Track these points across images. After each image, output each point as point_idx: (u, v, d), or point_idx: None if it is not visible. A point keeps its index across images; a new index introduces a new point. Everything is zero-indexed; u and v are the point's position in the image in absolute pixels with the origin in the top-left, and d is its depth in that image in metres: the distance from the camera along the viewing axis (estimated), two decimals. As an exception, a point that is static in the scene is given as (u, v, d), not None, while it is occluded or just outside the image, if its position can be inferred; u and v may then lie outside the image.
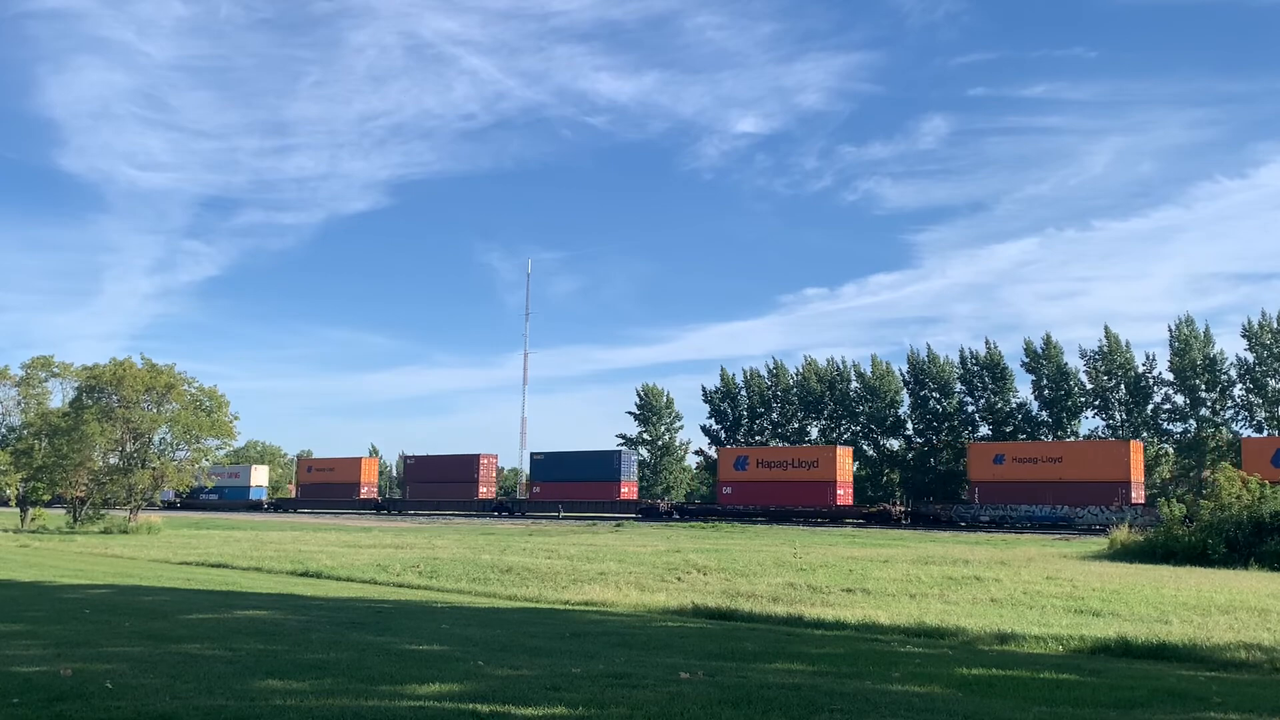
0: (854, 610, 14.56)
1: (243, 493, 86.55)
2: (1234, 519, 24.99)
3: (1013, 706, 7.02)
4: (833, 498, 58.07)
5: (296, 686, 6.94)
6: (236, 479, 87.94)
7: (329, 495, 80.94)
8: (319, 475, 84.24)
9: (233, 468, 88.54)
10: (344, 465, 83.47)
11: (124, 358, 45.98)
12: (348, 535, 37.67)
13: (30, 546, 31.33)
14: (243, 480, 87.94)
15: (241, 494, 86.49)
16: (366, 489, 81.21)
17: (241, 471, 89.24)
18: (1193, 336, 62.78)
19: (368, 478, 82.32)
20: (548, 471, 71.58)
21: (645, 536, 37.83)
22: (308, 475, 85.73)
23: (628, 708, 6.46)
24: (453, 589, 18.61)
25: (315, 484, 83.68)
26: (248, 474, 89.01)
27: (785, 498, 59.46)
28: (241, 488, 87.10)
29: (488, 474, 75.81)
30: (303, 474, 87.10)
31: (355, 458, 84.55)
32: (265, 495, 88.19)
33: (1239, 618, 14.00)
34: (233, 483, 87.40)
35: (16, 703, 6.21)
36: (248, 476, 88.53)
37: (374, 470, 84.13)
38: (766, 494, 60.72)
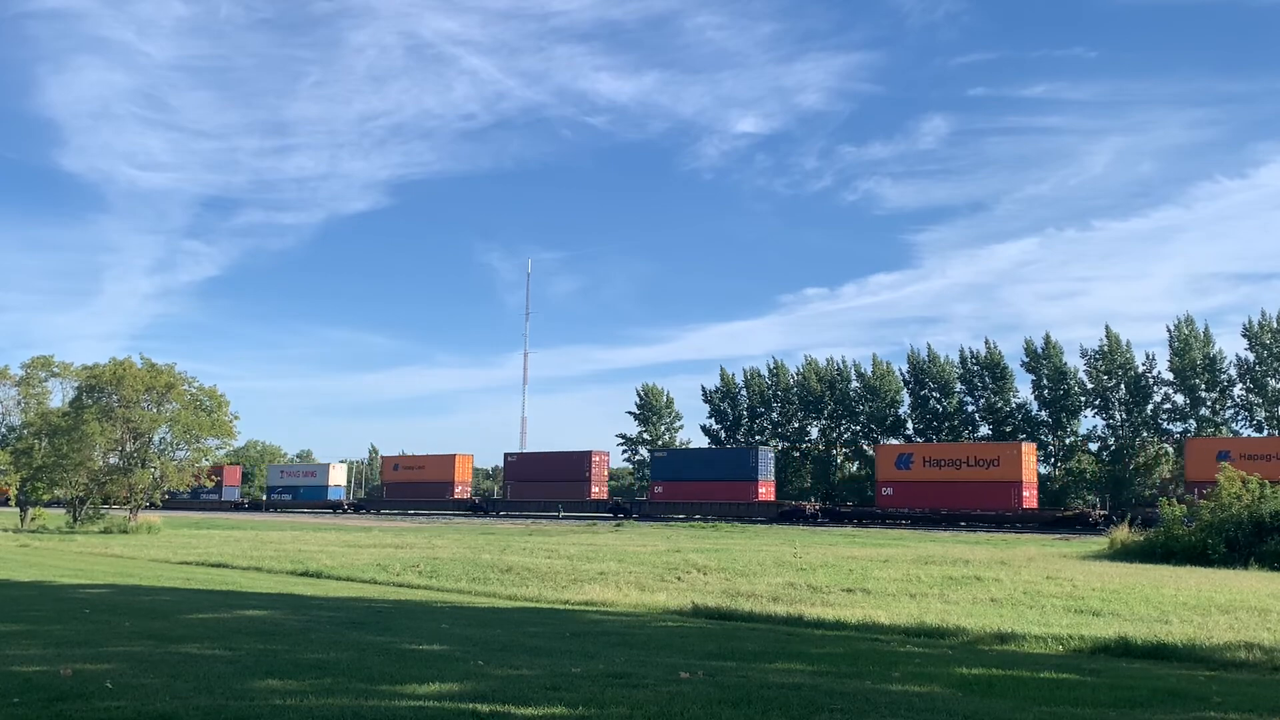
0: (854, 610, 14.56)
1: (319, 492, 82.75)
2: (1234, 519, 24.97)
3: (1013, 706, 7.02)
4: (1018, 500, 52.58)
5: (296, 686, 6.93)
6: (313, 478, 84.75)
7: (418, 495, 76.19)
8: (406, 474, 79.17)
9: (308, 465, 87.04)
10: (435, 463, 78.02)
11: (124, 357, 46.03)
12: (348, 535, 37.66)
13: (30, 546, 31.33)
14: (319, 479, 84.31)
15: (318, 494, 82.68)
16: (460, 489, 76.08)
17: (318, 470, 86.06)
18: (1193, 336, 62.80)
19: (462, 476, 77.02)
20: (670, 470, 65.53)
21: (645, 536, 37.83)
22: (394, 474, 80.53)
23: (628, 707, 6.46)
24: (453, 589, 18.61)
25: (402, 483, 78.73)
26: (325, 473, 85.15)
27: (960, 500, 53.70)
28: (318, 487, 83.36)
29: (599, 472, 69.94)
30: (388, 472, 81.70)
31: (449, 455, 78.74)
32: (344, 495, 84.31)
33: (1239, 617, 14.00)
34: (308, 482, 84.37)
35: (16, 702, 6.21)
36: (325, 475, 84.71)
37: (468, 468, 78.98)
38: (936, 495, 54.63)
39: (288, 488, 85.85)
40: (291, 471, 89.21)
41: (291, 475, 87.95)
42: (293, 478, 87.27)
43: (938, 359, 71.90)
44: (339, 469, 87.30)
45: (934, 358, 71.96)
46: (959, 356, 71.40)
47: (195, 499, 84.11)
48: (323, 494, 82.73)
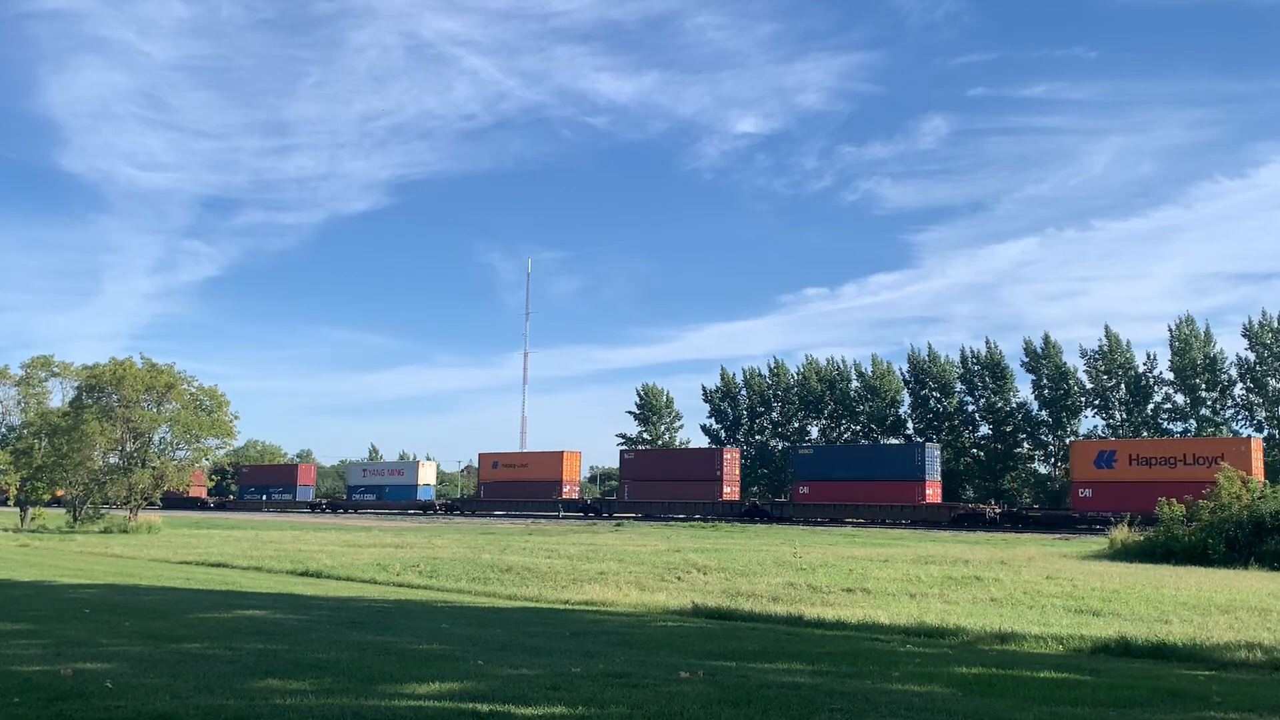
0: (854, 610, 14.56)
1: (407, 492, 77.77)
2: (1234, 519, 24.98)
3: (1013, 706, 7.02)
4: None
5: (296, 686, 6.93)
6: (400, 476, 79.85)
7: (520, 495, 70.30)
8: (507, 472, 72.69)
9: (394, 464, 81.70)
10: (540, 461, 71.81)
11: (124, 357, 46.03)
12: (348, 535, 37.67)
13: (30, 546, 31.32)
14: (407, 478, 79.41)
15: (406, 493, 77.69)
16: (569, 489, 69.65)
17: (406, 468, 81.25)
18: (1193, 336, 62.79)
19: (570, 475, 70.31)
20: (817, 469, 58.92)
21: (645, 536, 37.83)
22: (493, 472, 73.82)
23: (628, 707, 6.46)
24: (453, 588, 18.61)
25: (503, 482, 72.28)
26: (414, 471, 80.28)
27: None
28: (406, 486, 78.46)
29: (731, 471, 62.50)
30: (486, 471, 74.75)
31: (555, 452, 73.05)
32: (433, 495, 79.19)
33: (1239, 617, 14.01)
34: (395, 480, 79.45)
35: (17, 702, 6.21)
36: (414, 474, 79.90)
37: (577, 467, 72.31)
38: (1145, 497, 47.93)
39: (371, 487, 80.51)
40: (376, 470, 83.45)
41: (376, 474, 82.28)
42: (377, 476, 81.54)
43: (938, 359, 71.92)
44: (428, 467, 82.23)
45: (934, 357, 71.99)
46: (959, 356, 71.49)
47: (266, 498, 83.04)
48: (411, 494, 77.55)
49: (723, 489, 61.44)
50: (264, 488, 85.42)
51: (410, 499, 76.54)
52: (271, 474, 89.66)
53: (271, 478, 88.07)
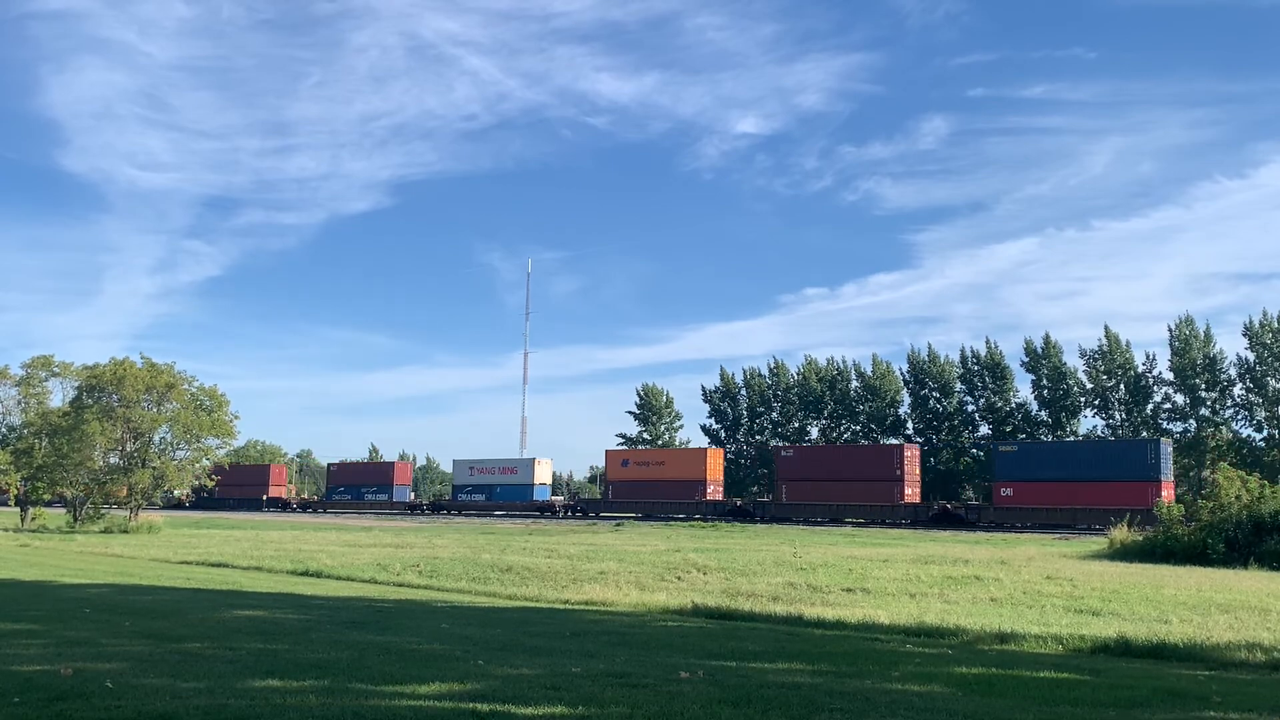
0: (854, 610, 14.56)
1: (522, 492, 71.39)
2: (1234, 519, 24.98)
3: (1013, 706, 7.02)
4: None
5: (297, 686, 6.94)
6: (513, 475, 72.87)
7: (654, 496, 63.70)
8: (640, 471, 65.81)
9: (507, 460, 75.25)
10: (679, 459, 65.72)
11: (124, 357, 46.05)
12: (348, 535, 37.68)
13: (30, 546, 31.33)
14: (522, 476, 72.49)
15: (520, 493, 71.42)
16: (712, 488, 62.97)
17: (520, 466, 73.99)
18: (1193, 336, 62.80)
19: (713, 474, 63.56)
20: (1021, 468, 51.26)
21: (645, 536, 37.84)
22: (622, 470, 67.06)
23: (628, 707, 6.46)
24: (453, 588, 18.62)
25: (634, 481, 65.32)
26: (529, 469, 72.92)
27: None
28: (520, 486, 71.92)
29: (911, 470, 55.73)
30: (614, 469, 68.02)
31: (697, 448, 68.38)
32: (550, 494, 73.70)
33: (1239, 617, 14.01)
34: (508, 480, 72.72)
35: (17, 702, 6.21)
36: (529, 472, 72.58)
37: (720, 465, 65.68)
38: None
39: (480, 487, 73.88)
40: (485, 468, 75.40)
41: (485, 472, 74.79)
42: (487, 475, 74.32)
43: (938, 359, 71.93)
44: (544, 465, 74.33)
45: (934, 357, 72.00)
46: (959, 356, 71.50)
47: (358, 498, 79.39)
48: (526, 494, 71.09)
49: (904, 489, 54.19)
50: (355, 487, 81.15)
51: (525, 499, 70.64)
52: (365, 473, 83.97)
53: (365, 476, 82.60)
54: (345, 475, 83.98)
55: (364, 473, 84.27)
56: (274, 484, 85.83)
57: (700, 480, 62.55)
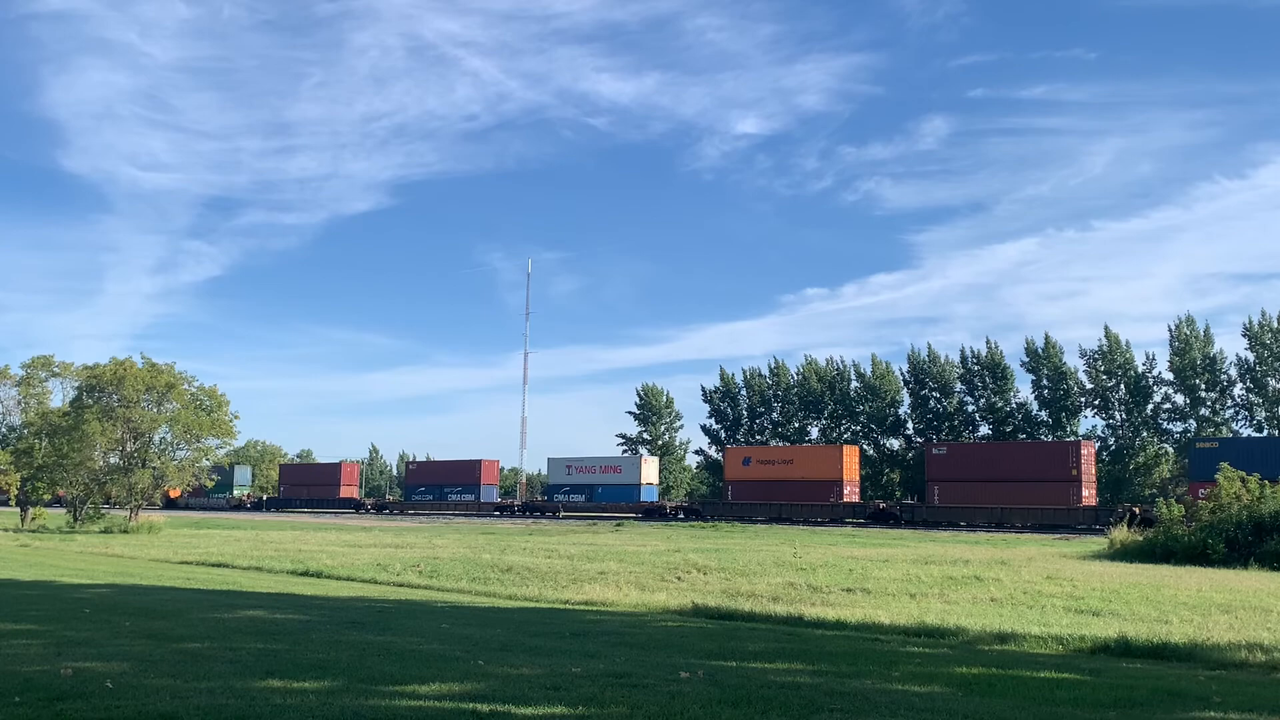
0: (854, 610, 14.56)
1: (628, 492, 66.02)
2: (1234, 519, 24.98)
3: (1013, 706, 7.02)
4: None
5: (297, 686, 6.94)
6: (617, 474, 67.50)
7: (783, 497, 57.98)
8: (764, 470, 60.06)
9: (610, 459, 70.70)
10: (810, 456, 60.16)
11: (125, 357, 46.08)
12: (348, 535, 37.69)
13: (30, 546, 31.34)
14: (627, 476, 67.00)
15: (626, 494, 66.07)
16: (849, 489, 57.41)
17: (624, 464, 68.63)
18: (1193, 336, 62.82)
19: (849, 474, 58.16)
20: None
21: (645, 536, 37.85)
22: (743, 470, 61.23)
23: (628, 707, 6.46)
24: (453, 588, 18.62)
25: (757, 482, 59.80)
26: (634, 467, 67.48)
27: None
28: (625, 486, 66.46)
29: (1088, 470, 50.20)
30: (734, 468, 62.15)
31: (830, 445, 63.50)
32: (657, 494, 68.08)
33: (1239, 617, 14.01)
34: (610, 479, 67.44)
35: (17, 702, 6.21)
36: (634, 470, 67.09)
37: (855, 463, 60.02)
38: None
39: (580, 487, 68.76)
40: (585, 466, 69.92)
41: (586, 471, 69.48)
42: (588, 474, 69.09)
43: (938, 359, 71.95)
44: (650, 463, 68.88)
45: (934, 357, 72.02)
46: (959, 356, 71.50)
47: (440, 498, 75.11)
48: (632, 494, 65.58)
49: (1081, 491, 48.81)
50: (438, 487, 76.66)
51: (631, 500, 65.34)
52: (448, 471, 77.81)
53: (448, 475, 77.07)
54: (426, 474, 79.15)
55: (447, 471, 77.91)
56: (345, 484, 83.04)
57: (835, 480, 56.74)
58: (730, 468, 62.59)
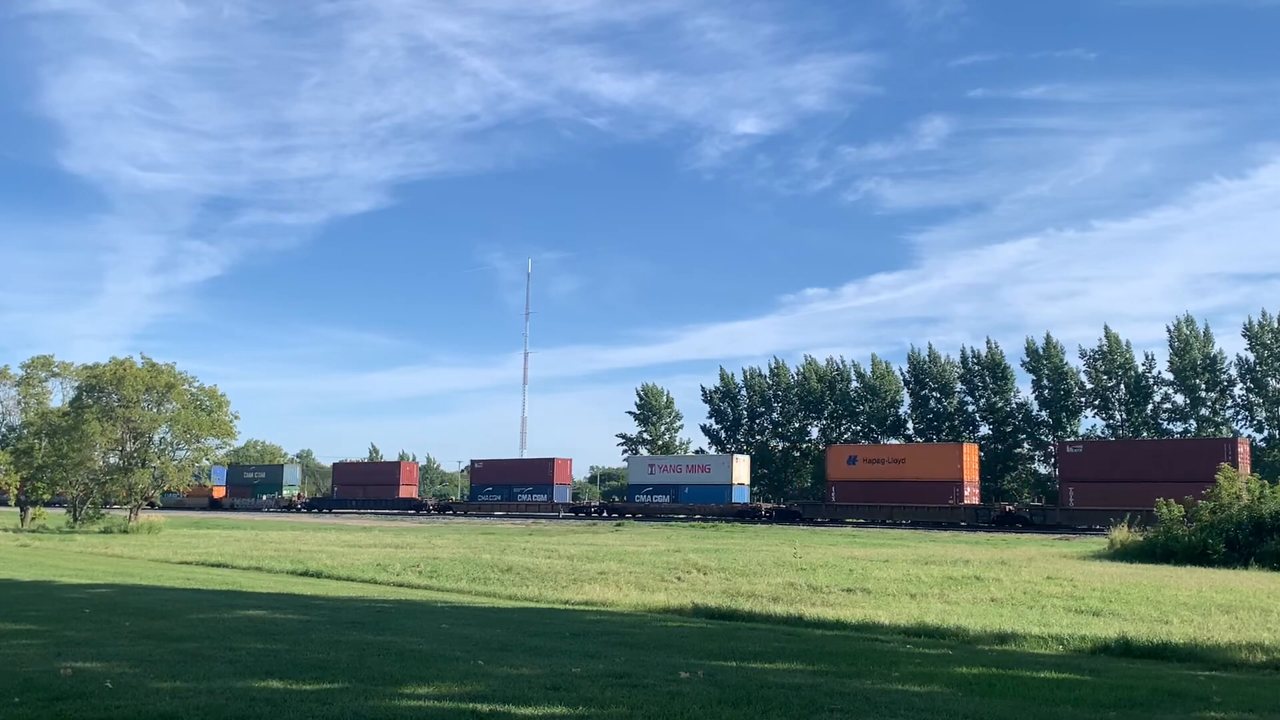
0: (854, 610, 14.56)
1: (718, 493, 61.03)
2: (1234, 519, 24.97)
3: (1013, 706, 7.02)
4: None
5: (297, 686, 6.93)
6: (706, 473, 62.29)
7: (894, 498, 54.05)
8: (872, 469, 55.68)
9: (697, 458, 66.54)
10: (925, 455, 56.00)
11: (125, 357, 46.07)
12: (348, 535, 37.68)
13: (30, 546, 31.33)
14: (716, 475, 61.76)
15: (715, 494, 61.09)
16: (969, 490, 53.14)
17: (714, 464, 63.54)
18: (1193, 336, 62.84)
19: (969, 473, 53.58)
20: None
21: (645, 536, 37.84)
22: (848, 469, 56.60)
23: (628, 707, 6.46)
24: (453, 589, 18.61)
25: (864, 482, 55.56)
26: (725, 467, 62.22)
27: None
28: (714, 486, 61.33)
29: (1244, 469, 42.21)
30: (837, 467, 57.44)
31: (949, 444, 59.08)
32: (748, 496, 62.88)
33: (1239, 617, 14.00)
34: (698, 479, 62.16)
35: (17, 702, 6.21)
36: (725, 470, 61.87)
37: (975, 462, 55.61)
38: None
39: (663, 487, 63.31)
40: (670, 465, 65.01)
41: (670, 470, 64.16)
42: (672, 473, 63.68)
43: (938, 359, 71.96)
44: (742, 462, 63.56)
45: (934, 357, 72.04)
46: (959, 356, 71.52)
47: (509, 498, 70.68)
48: (722, 495, 60.62)
49: None
50: (506, 487, 71.47)
51: (721, 501, 60.44)
52: (518, 470, 72.77)
53: (517, 475, 71.97)
54: (493, 473, 73.16)
55: (516, 470, 72.98)
56: (404, 483, 78.70)
57: (955, 480, 52.63)
58: (833, 467, 58.04)
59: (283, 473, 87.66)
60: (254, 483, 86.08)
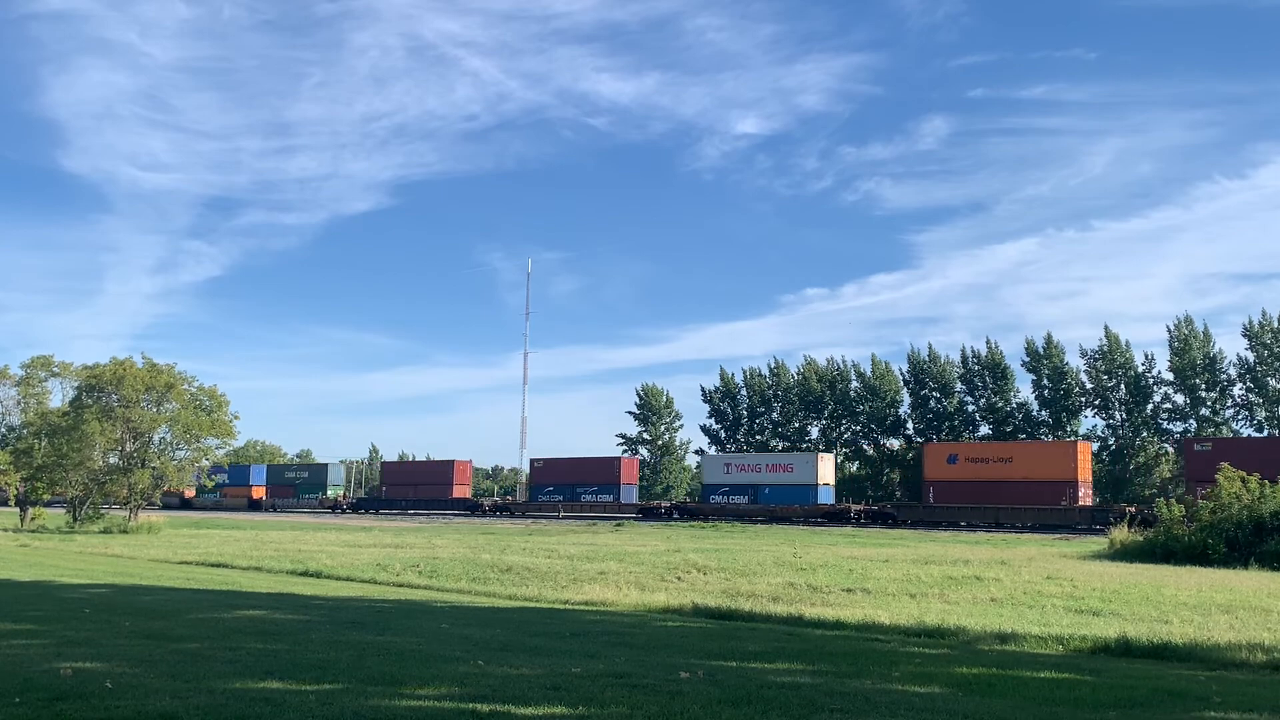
0: (854, 610, 14.55)
1: (801, 494, 57.78)
2: (1234, 519, 24.97)
3: (1013, 706, 7.02)
4: None
5: (296, 686, 6.93)
6: (788, 472, 58.93)
7: (1001, 499, 50.55)
8: (974, 469, 52.23)
9: (777, 456, 62.74)
10: (1033, 454, 52.13)
11: (125, 357, 46.06)
12: (348, 535, 37.67)
13: (30, 546, 31.32)
14: (799, 475, 58.38)
15: (798, 495, 57.81)
16: (1084, 491, 50.00)
17: (796, 462, 59.63)
18: (1193, 336, 62.85)
19: (1084, 473, 50.49)
20: None
21: (645, 536, 37.83)
22: (948, 469, 53.57)
23: (628, 707, 6.45)
24: (453, 588, 18.61)
25: (967, 482, 52.20)
26: (808, 466, 58.49)
27: None
28: (796, 486, 58.03)
29: None
30: (936, 466, 54.42)
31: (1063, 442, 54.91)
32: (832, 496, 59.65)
33: (1239, 617, 14.00)
34: (779, 478, 58.87)
35: (17, 702, 6.21)
36: (808, 469, 58.18)
37: (1089, 461, 52.51)
38: None
39: (741, 487, 59.97)
40: (748, 465, 61.54)
41: (748, 469, 60.75)
42: (750, 473, 60.34)
43: (938, 359, 71.98)
44: (826, 461, 60.55)
45: (934, 357, 72.05)
46: (959, 356, 71.53)
47: (572, 499, 67.71)
48: (806, 495, 57.62)
49: None
50: (569, 486, 68.60)
51: (805, 501, 57.39)
52: (581, 470, 69.24)
53: (581, 474, 68.78)
54: (554, 472, 69.92)
55: (580, 469, 69.19)
56: (458, 483, 75.70)
57: (1069, 480, 49.35)
58: (931, 466, 54.86)
59: (326, 472, 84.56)
60: (295, 483, 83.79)
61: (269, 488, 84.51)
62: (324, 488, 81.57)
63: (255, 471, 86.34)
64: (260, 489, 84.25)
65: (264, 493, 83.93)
